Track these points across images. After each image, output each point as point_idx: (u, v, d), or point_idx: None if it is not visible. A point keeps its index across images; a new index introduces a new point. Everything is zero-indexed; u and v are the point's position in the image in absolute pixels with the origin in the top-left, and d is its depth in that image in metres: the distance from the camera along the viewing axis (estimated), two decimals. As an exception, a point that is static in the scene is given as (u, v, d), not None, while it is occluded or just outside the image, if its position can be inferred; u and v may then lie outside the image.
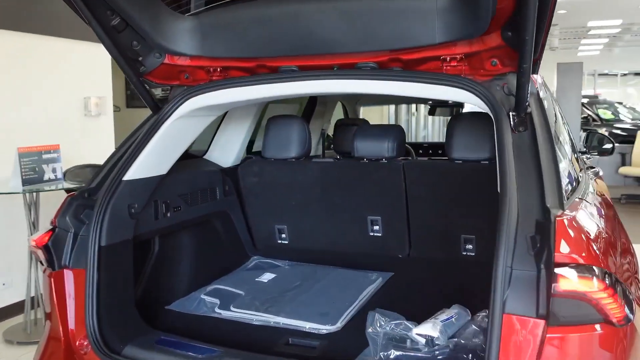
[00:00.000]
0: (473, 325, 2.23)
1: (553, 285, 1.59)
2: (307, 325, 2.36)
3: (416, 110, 11.76)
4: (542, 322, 1.64)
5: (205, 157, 3.30)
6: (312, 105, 4.44)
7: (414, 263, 3.11)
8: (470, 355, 2.06)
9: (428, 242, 3.11)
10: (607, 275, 1.64)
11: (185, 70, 2.54)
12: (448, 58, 2.19)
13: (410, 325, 2.26)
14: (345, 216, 3.20)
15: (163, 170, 2.56)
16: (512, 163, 1.89)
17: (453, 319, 2.24)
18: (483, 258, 2.94)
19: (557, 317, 1.60)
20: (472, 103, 2.15)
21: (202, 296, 2.71)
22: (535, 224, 1.77)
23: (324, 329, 2.34)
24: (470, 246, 3.02)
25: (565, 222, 1.70)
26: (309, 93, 2.42)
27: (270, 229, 3.37)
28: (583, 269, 1.62)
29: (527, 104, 2.02)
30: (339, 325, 2.36)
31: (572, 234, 1.68)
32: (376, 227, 3.16)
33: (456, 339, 2.15)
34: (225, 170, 3.24)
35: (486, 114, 3.16)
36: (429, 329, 2.16)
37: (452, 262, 3.06)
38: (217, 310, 2.57)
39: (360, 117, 5.29)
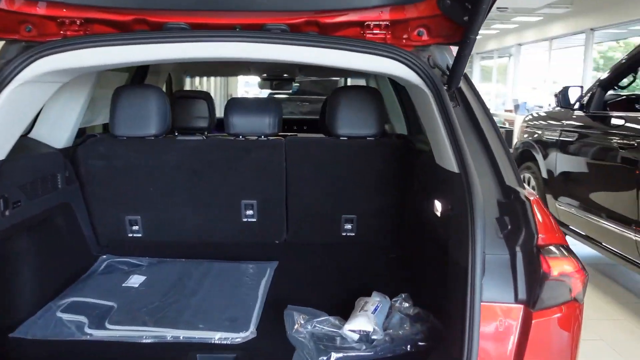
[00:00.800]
0: (398, 313, 2.10)
1: (539, 268, 1.51)
2: (216, 336, 1.98)
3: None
4: (521, 308, 1.55)
5: (30, 135, 2.60)
6: (142, 74, 3.84)
7: (294, 248, 2.88)
8: (409, 346, 1.92)
9: (306, 225, 2.90)
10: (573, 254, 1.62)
11: (27, 20, 1.92)
12: (372, 24, 1.97)
13: (335, 321, 2.03)
14: (215, 202, 2.81)
15: (1, 154, 1.90)
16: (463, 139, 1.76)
17: (379, 309, 2.07)
18: (363, 238, 2.85)
19: (543, 301, 1.53)
20: (397, 75, 1.96)
21: (59, 314, 2.12)
22: (499, 205, 1.67)
23: (238, 337, 1.98)
24: (349, 226, 2.90)
25: (537, 201, 1.63)
26: (201, 58, 1.99)
27: (119, 221, 2.81)
28: (562, 250, 1.58)
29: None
30: (253, 330, 2.03)
31: (542, 213, 1.61)
32: (250, 212, 2.84)
33: (391, 331, 1.99)
34: (64, 152, 2.59)
35: (372, 88, 3.05)
36: (363, 323, 1.96)
37: (332, 244, 2.91)
38: (87, 330, 2.02)
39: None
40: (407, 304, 2.15)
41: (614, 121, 4.20)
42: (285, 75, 4.98)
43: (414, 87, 2.02)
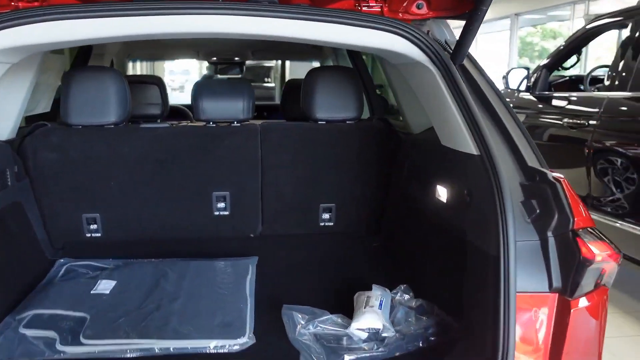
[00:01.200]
0: (401, 306, 1.98)
1: (578, 253, 1.42)
2: (211, 344, 1.79)
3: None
4: (556, 296, 1.47)
5: (-35, 126, 2.27)
6: (84, 57, 3.50)
7: (270, 242, 2.70)
8: (421, 342, 1.81)
9: (282, 217, 2.73)
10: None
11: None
12: None
13: (338, 320, 1.89)
14: (184, 195, 2.58)
15: None
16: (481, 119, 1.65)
17: (384, 304, 1.94)
18: (342, 227, 2.71)
19: (582, 287, 1.45)
20: (396, 51, 1.82)
21: (22, 330, 1.84)
22: (522, 188, 1.58)
23: (235, 344, 1.80)
24: (327, 215, 2.75)
25: (566, 182, 1.54)
26: (177, 34, 1.77)
27: (75, 220, 2.53)
28: (596, 232, 1.50)
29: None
30: (250, 335, 1.85)
31: (571, 195, 1.53)
32: (222, 205, 2.63)
33: (400, 327, 1.86)
34: (11, 144, 2.28)
35: (349, 68, 2.89)
36: (372, 320, 1.83)
37: (310, 235, 2.75)
38: (59, 347, 1.77)
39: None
40: (407, 296, 2.04)
41: (556, 102, 4.29)
42: (236, 58, 4.73)
43: (412, 65, 1.89)
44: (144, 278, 2.23)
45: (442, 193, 1.96)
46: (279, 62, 8.04)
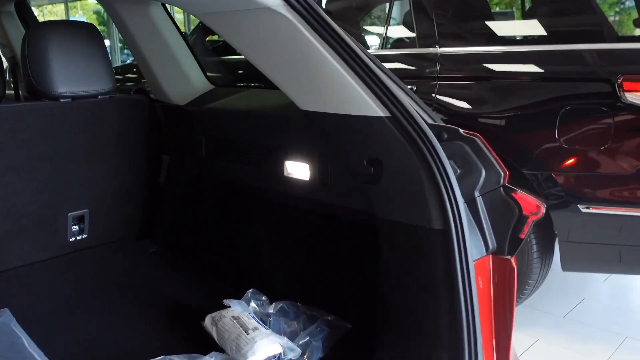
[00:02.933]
0: (273, 317, 1.61)
1: (515, 208, 1.36)
2: None
3: None
4: (489, 258, 1.39)
5: None
6: None
7: (7, 283, 1.86)
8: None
9: (17, 242, 1.90)
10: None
11: None
12: None
13: None
14: None
15: None
16: None
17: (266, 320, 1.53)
18: (100, 238, 2.11)
19: (517, 244, 1.39)
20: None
21: None
22: None
23: None
24: (78, 227, 2.05)
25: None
26: None
27: None
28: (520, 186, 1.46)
29: None
30: None
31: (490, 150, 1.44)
32: None
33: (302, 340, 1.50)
34: None
35: (88, 24, 2.08)
36: (268, 346, 1.42)
37: (58, 258, 2.02)
38: None
39: None
40: (264, 301, 1.67)
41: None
42: None
43: (241, 15, 1.47)
44: None
45: (299, 170, 1.63)
46: None
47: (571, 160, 2.41)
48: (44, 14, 14.18)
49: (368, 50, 1.45)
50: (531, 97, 2.54)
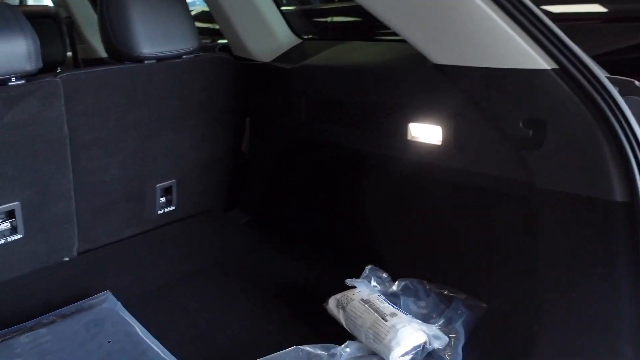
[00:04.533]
0: (402, 297, 1.45)
1: None
2: None
3: None
4: None
5: None
6: None
7: (95, 262, 1.74)
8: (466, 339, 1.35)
9: (104, 217, 1.77)
10: None
11: None
12: None
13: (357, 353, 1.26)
14: None
15: None
16: None
17: (403, 302, 1.38)
18: (188, 208, 1.98)
19: None
20: None
21: None
22: None
23: None
24: (165, 198, 1.92)
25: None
26: None
27: None
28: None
29: None
30: None
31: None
32: (6, 226, 1.55)
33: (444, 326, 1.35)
34: None
35: None
36: (413, 335, 1.26)
37: (147, 233, 1.89)
38: None
39: None
40: (384, 279, 1.51)
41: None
42: None
43: None
44: None
45: (427, 133, 1.43)
46: None
47: None
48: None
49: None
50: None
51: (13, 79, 1.41)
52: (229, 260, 1.79)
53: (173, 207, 1.92)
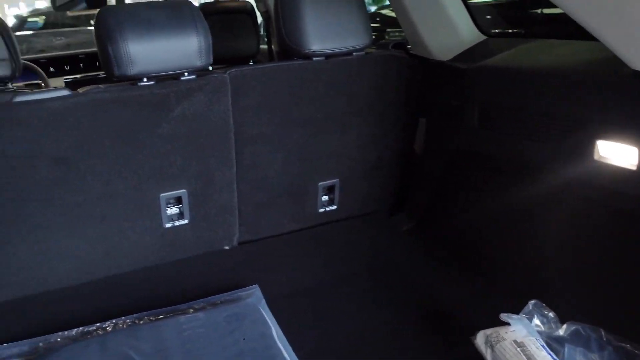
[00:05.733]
0: (567, 345, 1.23)
1: None
2: None
3: None
4: None
5: None
6: None
7: (256, 253, 1.78)
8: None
9: (266, 211, 1.79)
10: None
11: None
12: None
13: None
14: (112, 207, 1.54)
15: None
16: None
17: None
18: (350, 209, 1.90)
19: None
20: None
21: None
22: None
23: None
24: (328, 197, 1.88)
25: None
26: None
27: None
28: None
29: None
30: None
31: None
32: (175, 211, 1.65)
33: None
34: None
35: None
36: None
37: (307, 229, 1.88)
38: None
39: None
40: (550, 319, 1.29)
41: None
42: None
43: None
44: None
45: (619, 154, 1.18)
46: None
47: None
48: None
49: None
50: None
51: (185, 74, 1.48)
52: (383, 267, 1.71)
53: (335, 207, 1.88)
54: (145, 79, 1.44)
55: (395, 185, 1.94)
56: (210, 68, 2.58)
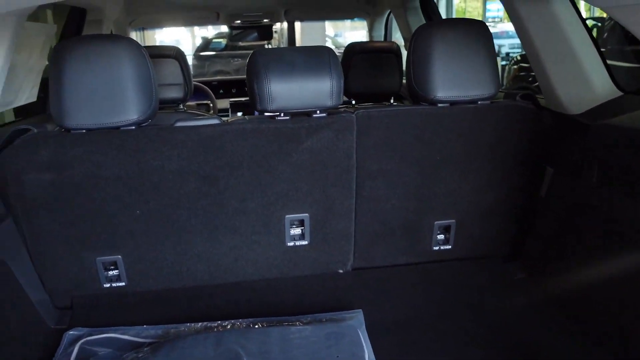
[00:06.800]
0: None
1: None
2: None
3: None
4: None
5: None
6: (76, 26, 2.60)
7: (367, 280, 1.89)
8: None
9: (381, 242, 1.91)
10: None
11: None
12: None
13: None
14: (244, 223, 1.76)
15: None
16: None
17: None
18: (464, 250, 1.91)
19: None
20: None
21: None
22: None
23: None
24: (443, 236, 1.94)
25: None
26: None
27: (87, 266, 1.71)
28: None
29: None
30: None
31: None
32: (298, 232, 1.81)
33: None
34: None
35: (478, 21, 2.01)
36: None
37: (418, 265, 1.95)
38: None
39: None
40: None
41: None
42: (265, 20, 3.80)
43: None
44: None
45: None
46: (284, 24, 7.05)
47: None
48: None
49: None
50: None
51: (317, 112, 1.67)
52: (488, 312, 1.73)
53: (449, 247, 1.95)
54: (282, 114, 1.66)
55: (512, 232, 1.95)
56: (353, 101, 2.78)
